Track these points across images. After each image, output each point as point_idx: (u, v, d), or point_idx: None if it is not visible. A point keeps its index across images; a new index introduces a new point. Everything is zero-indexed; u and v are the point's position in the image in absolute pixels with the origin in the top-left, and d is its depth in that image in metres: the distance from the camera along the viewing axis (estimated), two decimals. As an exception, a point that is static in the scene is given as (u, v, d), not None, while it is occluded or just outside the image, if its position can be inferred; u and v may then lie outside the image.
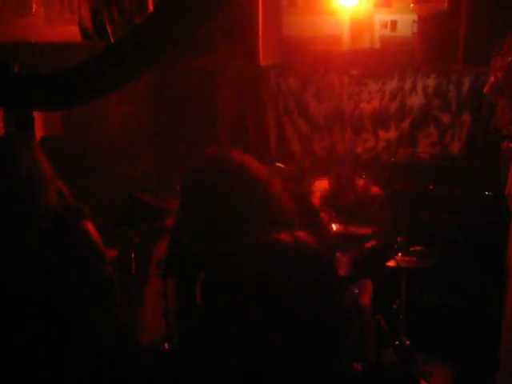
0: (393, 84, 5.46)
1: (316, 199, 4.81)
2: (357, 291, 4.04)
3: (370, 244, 4.36)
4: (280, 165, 5.26)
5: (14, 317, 2.57)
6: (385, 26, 5.29)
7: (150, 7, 4.10)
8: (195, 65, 5.27)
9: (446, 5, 4.65)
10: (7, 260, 2.61)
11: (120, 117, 4.71)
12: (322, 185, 4.86)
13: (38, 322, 2.56)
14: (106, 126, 4.58)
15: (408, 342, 4.27)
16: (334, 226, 4.32)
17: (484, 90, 3.26)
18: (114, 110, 4.64)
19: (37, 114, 2.97)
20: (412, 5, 4.89)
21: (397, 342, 4.26)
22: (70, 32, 4.31)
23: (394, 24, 5.28)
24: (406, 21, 5.31)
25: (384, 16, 5.39)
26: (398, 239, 4.23)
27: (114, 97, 4.48)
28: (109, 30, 3.98)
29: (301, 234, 1.92)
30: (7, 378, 2.58)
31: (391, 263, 4.03)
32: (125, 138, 4.78)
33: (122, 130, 4.75)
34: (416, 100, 5.39)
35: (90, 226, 2.81)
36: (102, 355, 2.66)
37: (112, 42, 3.62)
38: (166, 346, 4.29)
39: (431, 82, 5.31)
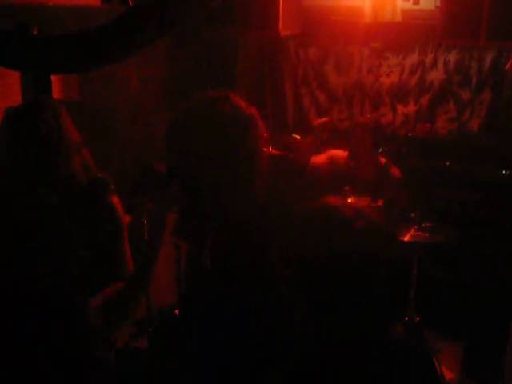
0: (413, 58, 5.40)
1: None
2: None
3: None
4: (296, 136, 5.23)
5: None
6: (408, -2, 5.20)
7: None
8: (214, 35, 5.22)
9: (471, -22, 4.57)
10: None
11: (139, 81, 4.68)
12: (340, 155, 4.71)
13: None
14: (124, 89, 4.56)
15: (417, 318, 4.28)
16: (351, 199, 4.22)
17: (506, 67, 3.20)
18: (133, 74, 4.61)
19: (54, 78, 2.96)
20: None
21: (406, 318, 4.27)
22: (88, -5, 4.28)
23: (417, -3, 5.19)
24: (429, -6, 5.22)
25: (407, -12, 5.30)
26: (412, 214, 4.21)
27: (133, 61, 4.46)
28: (128, -5, 3.93)
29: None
30: None
31: (404, 237, 4.00)
32: (143, 103, 4.76)
33: (141, 95, 4.73)
34: (436, 75, 5.33)
35: (116, 201, 2.80)
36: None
37: (131, 5, 3.58)
38: (177, 312, 4.32)
39: (452, 57, 5.25)
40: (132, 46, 2.70)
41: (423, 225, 4.10)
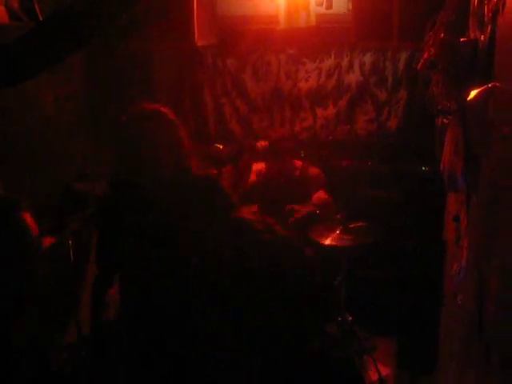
0: (330, 62, 5.49)
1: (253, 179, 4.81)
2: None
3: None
4: (219, 146, 5.23)
5: None
6: (320, 3, 5.27)
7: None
8: (129, 45, 5.16)
9: (379, -19, 4.67)
10: None
11: (55, 100, 4.56)
12: (258, 167, 4.88)
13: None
14: (40, 109, 4.44)
15: (350, 318, 4.32)
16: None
17: (418, 66, 3.27)
18: (49, 93, 4.50)
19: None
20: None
21: (339, 318, 4.31)
22: (-4, 13, 4.14)
23: (329, 1, 5.26)
24: (341, -2, 5.31)
25: (319, -6, 5.37)
26: (338, 216, 4.26)
27: (48, 79, 4.35)
28: (37, 9, 3.83)
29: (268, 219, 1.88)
30: None
31: (330, 241, 4.04)
32: (61, 122, 4.65)
33: (58, 114, 4.62)
34: (353, 77, 5.43)
35: (27, 218, 2.71)
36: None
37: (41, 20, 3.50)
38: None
39: (367, 59, 5.36)
40: (42, 61, 2.64)
41: (348, 226, 4.14)
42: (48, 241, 3.84)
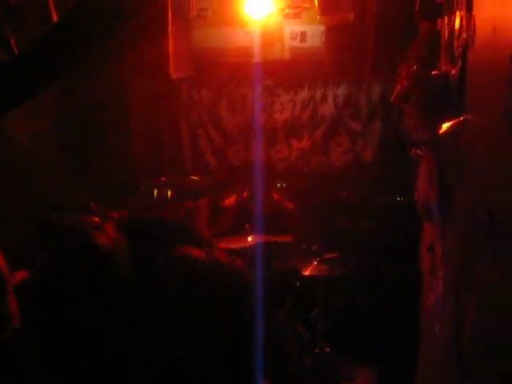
0: (304, 94, 5.54)
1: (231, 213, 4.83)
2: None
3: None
4: (195, 178, 5.23)
5: None
6: (295, 37, 5.35)
7: (55, 18, 3.98)
8: (105, 76, 5.16)
9: (351, 16, 4.74)
10: None
11: (28, 135, 4.54)
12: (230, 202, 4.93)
13: None
14: (12, 145, 4.41)
15: (328, 349, 4.30)
16: (251, 238, 4.32)
17: (391, 99, 3.32)
18: (21, 129, 4.47)
19: None
20: (319, 16, 4.95)
21: (317, 350, 4.29)
22: (-29, 47, 4.13)
23: (303, 35, 5.35)
24: (315, 32, 5.39)
25: (294, 27, 5.45)
26: (313, 248, 4.27)
27: (20, 115, 4.33)
28: (12, 43, 3.83)
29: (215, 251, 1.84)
30: None
31: (307, 272, 4.05)
32: (35, 157, 4.62)
33: (31, 149, 4.59)
34: (327, 109, 5.49)
35: None
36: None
37: (16, 54, 3.50)
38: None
39: (341, 91, 5.42)
40: (17, 97, 2.63)
41: (324, 257, 4.16)
42: (20, 275, 3.79)
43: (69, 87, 4.89)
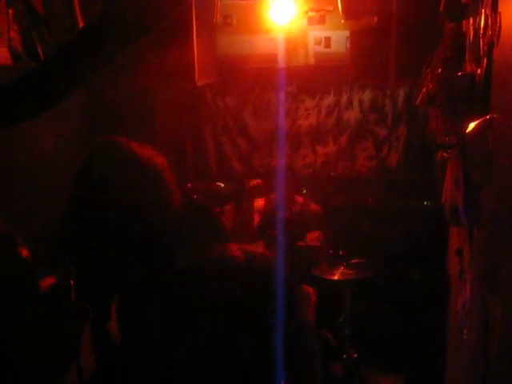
0: (329, 99, 5.52)
1: (256, 217, 4.82)
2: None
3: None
4: (220, 184, 5.24)
5: None
6: (319, 42, 5.35)
7: (81, 25, 4.03)
8: (129, 83, 5.20)
9: (375, 20, 4.71)
10: None
11: (54, 139, 4.58)
12: (258, 204, 4.91)
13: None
14: (39, 148, 4.45)
15: (355, 355, 4.27)
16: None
17: (417, 102, 3.30)
18: (47, 133, 4.52)
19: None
20: (343, 21, 4.94)
21: (344, 356, 4.26)
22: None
23: (327, 40, 5.34)
24: (339, 37, 5.38)
25: (318, 33, 5.45)
26: (340, 252, 4.25)
27: (47, 119, 4.37)
28: (40, 51, 3.87)
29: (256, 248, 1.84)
30: None
31: (333, 276, 4.04)
32: (59, 160, 4.66)
33: (56, 152, 4.63)
34: (352, 114, 5.47)
35: (24, 254, 2.71)
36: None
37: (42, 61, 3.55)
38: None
39: (366, 96, 5.40)
40: (43, 102, 2.66)
41: (351, 262, 4.14)
42: (49, 281, 3.81)
43: (93, 93, 4.94)
